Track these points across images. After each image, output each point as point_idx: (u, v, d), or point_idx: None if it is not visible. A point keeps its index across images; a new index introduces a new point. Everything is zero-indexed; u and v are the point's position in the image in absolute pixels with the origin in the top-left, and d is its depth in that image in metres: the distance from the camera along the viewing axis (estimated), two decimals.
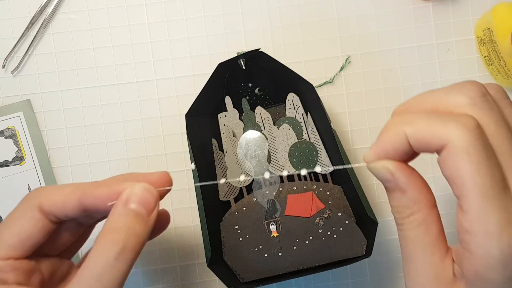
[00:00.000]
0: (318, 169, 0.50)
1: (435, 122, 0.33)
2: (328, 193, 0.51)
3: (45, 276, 0.42)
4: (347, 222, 0.50)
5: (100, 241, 0.37)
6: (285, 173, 0.48)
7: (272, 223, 0.50)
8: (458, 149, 0.32)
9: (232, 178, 0.52)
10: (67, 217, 0.41)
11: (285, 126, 0.53)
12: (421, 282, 0.35)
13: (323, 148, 0.52)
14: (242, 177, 0.46)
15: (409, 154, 0.35)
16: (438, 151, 0.33)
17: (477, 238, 0.32)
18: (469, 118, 0.33)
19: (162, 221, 0.47)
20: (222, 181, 0.51)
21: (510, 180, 0.32)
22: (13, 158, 0.56)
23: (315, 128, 0.52)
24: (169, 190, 0.42)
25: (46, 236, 0.40)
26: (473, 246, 0.32)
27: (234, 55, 0.56)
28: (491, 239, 0.31)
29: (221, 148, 0.53)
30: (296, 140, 0.52)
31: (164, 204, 0.44)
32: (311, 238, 0.50)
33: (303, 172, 0.47)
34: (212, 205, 0.50)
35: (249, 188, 0.51)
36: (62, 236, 0.43)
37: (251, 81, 0.53)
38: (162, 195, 0.42)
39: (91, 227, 0.46)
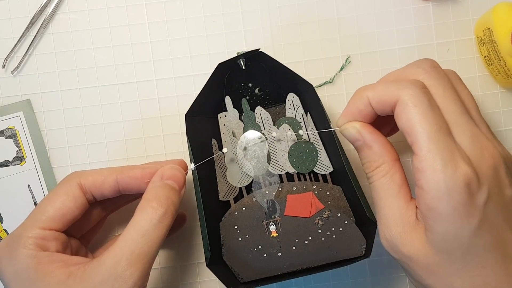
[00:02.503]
0: (301, 133, 0.51)
1: (390, 85, 0.41)
2: (327, 193, 0.51)
3: (73, 253, 0.47)
4: (346, 222, 0.50)
5: (145, 206, 0.44)
6: (274, 134, 0.51)
7: (271, 223, 0.50)
8: (407, 103, 0.39)
9: (232, 178, 0.52)
10: (102, 197, 0.48)
11: (285, 126, 0.53)
12: (389, 223, 0.41)
13: (323, 148, 0.52)
14: (225, 150, 0.52)
15: (373, 117, 0.43)
16: (393, 108, 0.40)
17: (426, 174, 0.38)
18: (416, 80, 0.41)
19: (181, 218, 0.55)
20: (225, 150, 0.52)
21: (455, 132, 0.39)
22: (13, 158, 0.56)
23: (315, 128, 0.52)
24: (187, 173, 0.50)
25: (81, 214, 0.47)
26: (423, 182, 0.38)
27: (234, 55, 0.56)
28: (437, 173, 0.37)
29: (221, 148, 0.53)
30: (296, 140, 0.52)
31: None
32: (310, 238, 0.50)
33: (302, 132, 0.52)
34: (212, 205, 0.50)
35: (249, 188, 0.51)
36: (89, 218, 0.50)
37: (251, 81, 0.53)
38: None
39: (105, 217, 0.53)
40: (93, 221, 0.51)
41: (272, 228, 0.50)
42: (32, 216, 0.45)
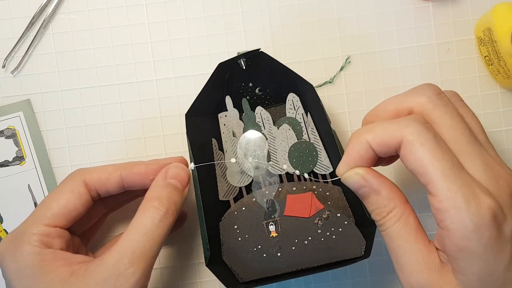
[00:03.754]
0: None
1: (390, 125, 0.39)
2: (327, 193, 0.51)
3: (75, 251, 0.47)
4: (346, 222, 0.50)
5: (147, 206, 0.44)
6: (285, 167, 0.51)
7: (271, 223, 0.50)
8: (413, 143, 0.37)
9: (232, 178, 0.52)
10: (107, 193, 0.48)
11: (285, 126, 0.53)
12: (413, 270, 0.38)
13: (323, 148, 0.52)
14: (233, 160, 0.51)
15: (375, 160, 0.40)
16: (398, 149, 0.38)
17: (449, 214, 0.36)
18: (417, 116, 0.39)
19: (182, 216, 0.55)
20: (230, 160, 0.52)
21: (467, 163, 0.37)
22: (13, 158, 0.56)
23: (315, 128, 0.52)
24: None
25: (85, 211, 0.47)
26: (448, 223, 0.36)
27: (234, 55, 0.56)
28: (461, 211, 0.35)
29: (221, 148, 0.53)
30: (296, 140, 0.52)
31: None
32: (310, 238, 0.50)
33: (297, 172, 0.51)
34: (212, 205, 0.50)
35: (249, 188, 0.52)
36: (90, 214, 0.49)
37: (252, 81, 0.53)
38: None
39: (105, 216, 0.54)
40: (94, 217, 0.51)
41: (272, 228, 0.50)
42: (36, 212, 0.45)
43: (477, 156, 0.38)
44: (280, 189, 0.51)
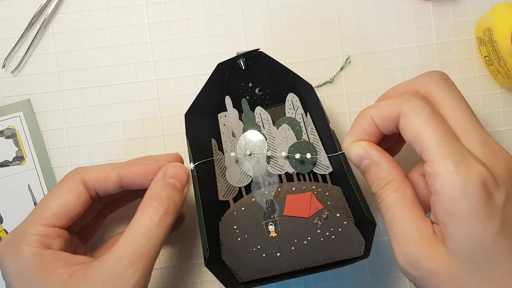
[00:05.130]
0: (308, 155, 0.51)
1: (391, 101, 0.42)
2: (327, 193, 0.51)
3: (73, 250, 0.48)
4: (345, 222, 0.50)
5: (146, 206, 0.44)
6: (283, 154, 0.51)
7: (270, 223, 0.50)
8: (409, 113, 0.39)
9: (231, 178, 0.52)
10: (106, 193, 0.48)
11: (285, 126, 0.52)
12: (406, 237, 0.39)
13: (322, 148, 0.52)
14: (233, 154, 0.51)
15: (378, 136, 0.43)
16: (397, 123, 0.41)
17: (440, 177, 0.37)
18: (416, 93, 0.41)
19: (180, 217, 0.54)
20: (230, 155, 0.52)
21: (465, 139, 0.39)
22: (13, 158, 0.56)
23: (314, 128, 0.52)
24: None
25: (84, 210, 0.47)
26: (438, 186, 0.37)
27: (234, 55, 0.56)
28: (451, 175, 0.37)
29: (220, 148, 0.53)
30: (296, 140, 0.52)
31: None
32: (309, 238, 0.50)
33: (297, 156, 0.51)
34: (211, 205, 0.50)
35: (248, 188, 0.51)
36: (87, 212, 0.48)
37: (251, 81, 0.53)
38: None
39: (104, 216, 0.54)
40: (91, 214, 0.51)
41: (271, 228, 0.50)
42: (35, 212, 0.45)
43: (476, 133, 0.39)
44: (279, 189, 0.51)
